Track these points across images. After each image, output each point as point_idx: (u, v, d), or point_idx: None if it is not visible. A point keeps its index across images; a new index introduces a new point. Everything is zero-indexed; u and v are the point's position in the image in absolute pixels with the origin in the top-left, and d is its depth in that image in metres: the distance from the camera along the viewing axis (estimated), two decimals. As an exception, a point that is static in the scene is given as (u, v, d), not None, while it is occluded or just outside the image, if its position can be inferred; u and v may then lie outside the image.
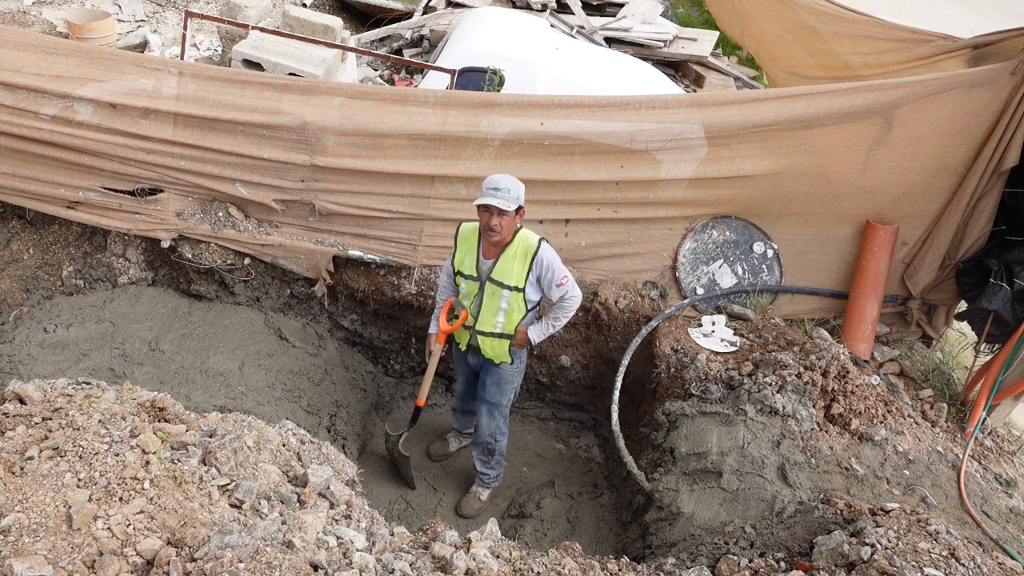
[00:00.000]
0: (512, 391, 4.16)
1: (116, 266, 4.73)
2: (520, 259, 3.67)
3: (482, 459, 4.33)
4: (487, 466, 4.36)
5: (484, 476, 4.41)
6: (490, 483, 4.46)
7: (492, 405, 4.11)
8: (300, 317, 4.96)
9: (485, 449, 4.28)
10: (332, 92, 4.29)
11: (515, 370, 4.06)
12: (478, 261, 3.78)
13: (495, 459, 4.34)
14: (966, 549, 2.79)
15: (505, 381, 4.06)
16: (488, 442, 4.24)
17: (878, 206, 4.59)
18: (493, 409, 4.13)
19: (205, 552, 2.12)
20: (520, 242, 3.67)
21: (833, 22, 6.21)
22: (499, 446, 4.29)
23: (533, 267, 3.66)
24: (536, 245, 3.65)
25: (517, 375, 4.11)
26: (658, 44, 8.28)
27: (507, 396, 4.13)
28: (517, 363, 4.04)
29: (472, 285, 3.82)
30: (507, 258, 3.68)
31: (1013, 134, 4.13)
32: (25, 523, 2.09)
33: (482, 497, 4.46)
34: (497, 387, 4.07)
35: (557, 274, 3.67)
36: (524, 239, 3.68)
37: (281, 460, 2.77)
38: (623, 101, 4.30)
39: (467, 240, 3.82)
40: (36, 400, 2.64)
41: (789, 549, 3.03)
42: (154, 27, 7.31)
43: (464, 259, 3.81)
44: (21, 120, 4.18)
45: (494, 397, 4.09)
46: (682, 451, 3.86)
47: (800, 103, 4.26)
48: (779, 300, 4.81)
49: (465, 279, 3.83)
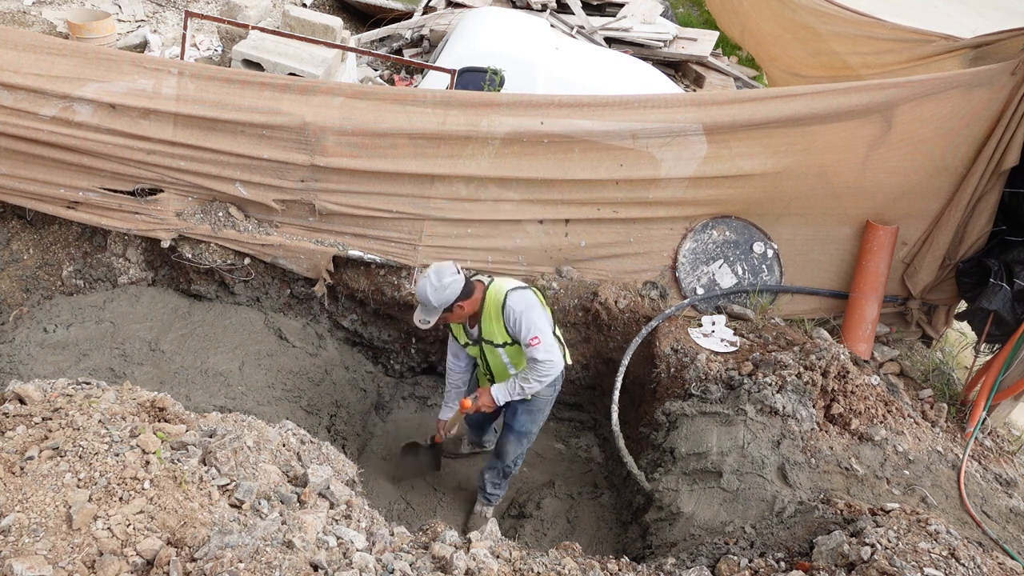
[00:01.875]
0: (543, 419, 4.03)
1: (116, 266, 4.72)
2: (495, 318, 3.53)
3: (494, 481, 4.24)
4: (497, 488, 4.29)
5: (493, 496, 4.33)
6: (496, 502, 4.40)
7: (521, 434, 3.99)
8: (300, 317, 4.96)
9: (501, 472, 4.18)
10: (332, 92, 4.29)
11: (548, 398, 3.92)
12: (466, 331, 3.76)
13: (505, 482, 4.29)
14: (966, 549, 2.79)
15: (538, 409, 3.93)
16: (508, 467, 4.14)
17: (878, 206, 4.58)
18: (522, 437, 4.01)
19: (205, 552, 2.12)
20: (490, 302, 3.53)
21: (833, 22, 6.22)
22: (515, 470, 4.23)
23: (506, 323, 3.49)
24: (502, 299, 3.47)
25: (549, 404, 3.97)
26: (658, 44, 8.28)
27: (538, 424, 4.01)
28: (550, 391, 3.87)
29: (474, 349, 3.81)
30: (486, 321, 3.57)
31: (1013, 134, 4.13)
32: (25, 523, 2.09)
33: (487, 515, 4.39)
34: (529, 415, 3.93)
35: (526, 332, 3.42)
36: (493, 298, 3.52)
37: (281, 460, 2.77)
38: (623, 100, 4.30)
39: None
40: (36, 400, 2.64)
41: (789, 549, 3.03)
42: (154, 27, 7.32)
43: (458, 334, 3.82)
44: (21, 121, 4.17)
45: (524, 426, 3.96)
46: (682, 451, 3.86)
47: (800, 102, 4.26)
48: (779, 300, 4.81)
49: (467, 346, 3.83)
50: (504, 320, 3.47)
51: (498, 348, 3.63)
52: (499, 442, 4.14)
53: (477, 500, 4.43)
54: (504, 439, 4.06)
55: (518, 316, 3.41)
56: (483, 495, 4.33)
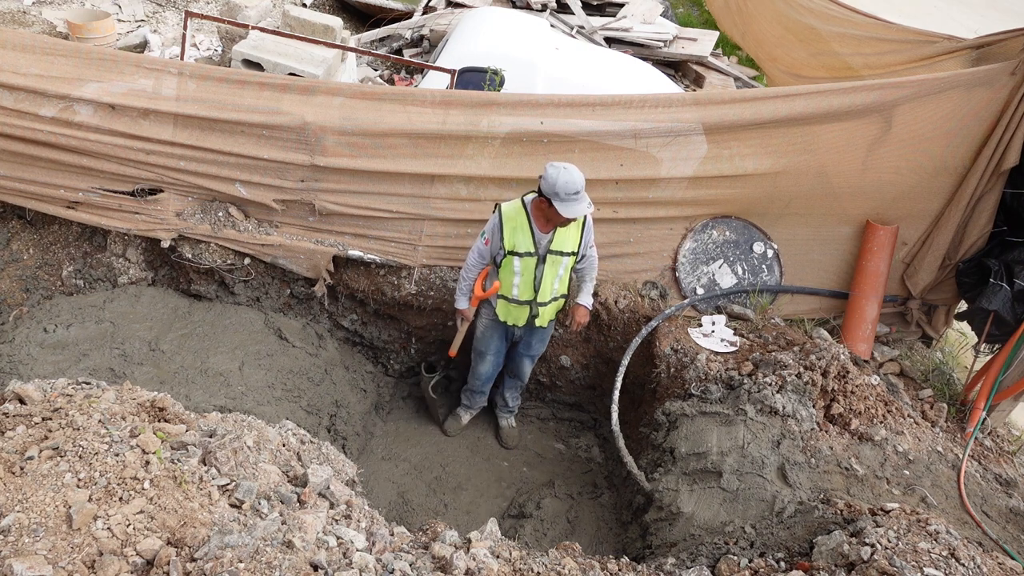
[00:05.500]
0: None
1: (116, 266, 4.72)
2: (574, 226, 3.89)
3: (514, 395, 4.90)
4: (517, 400, 4.97)
5: (515, 408, 4.99)
6: (516, 411, 5.04)
7: (535, 357, 4.60)
8: (300, 317, 4.96)
9: (521, 387, 4.87)
10: (332, 92, 4.29)
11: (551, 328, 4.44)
12: (534, 236, 3.89)
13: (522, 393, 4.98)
14: (966, 549, 2.79)
15: (547, 335, 4.48)
16: (526, 383, 4.85)
17: (878, 206, 4.58)
18: (536, 358, 4.64)
19: (205, 552, 2.12)
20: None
21: (840, 24, 6.22)
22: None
23: (585, 232, 3.96)
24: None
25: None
26: (658, 44, 8.28)
27: (546, 345, 4.58)
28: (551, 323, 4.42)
29: (528, 261, 3.96)
30: (562, 228, 3.86)
31: (1013, 134, 4.13)
32: (25, 523, 2.09)
33: (513, 424, 5.05)
34: (541, 343, 4.49)
35: (593, 238, 4.08)
36: None
37: (281, 460, 2.77)
38: (623, 100, 4.30)
39: (513, 219, 3.89)
40: (36, 400, 2.64)
41: (789, 549, 3.03)
42: (154, 27, 7.32)
43: (519, 239, 3.91)
44: (21, 121, 4.17)
45: (538, 351, 4.53)
46: (682, 451, 3.86)
47: (800, 102, 4.26)
48: (779, 300, 4.81)
49: (520, 257, 3.94)
50: (584, 227, 3.96)
51: (564, 258, 3.98)
52: (517, 368, 4.66)
53: (501, 417, 5.04)
54: (522, 364, 4.61)
55: (591, 226, 4.02)
56: (506, 410, 5.00)
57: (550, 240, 3.90)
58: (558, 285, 4.10)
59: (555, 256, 3.94)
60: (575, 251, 3.97)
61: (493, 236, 3.95)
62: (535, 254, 3.93)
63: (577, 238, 3.94)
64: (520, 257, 3.93)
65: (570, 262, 4.01)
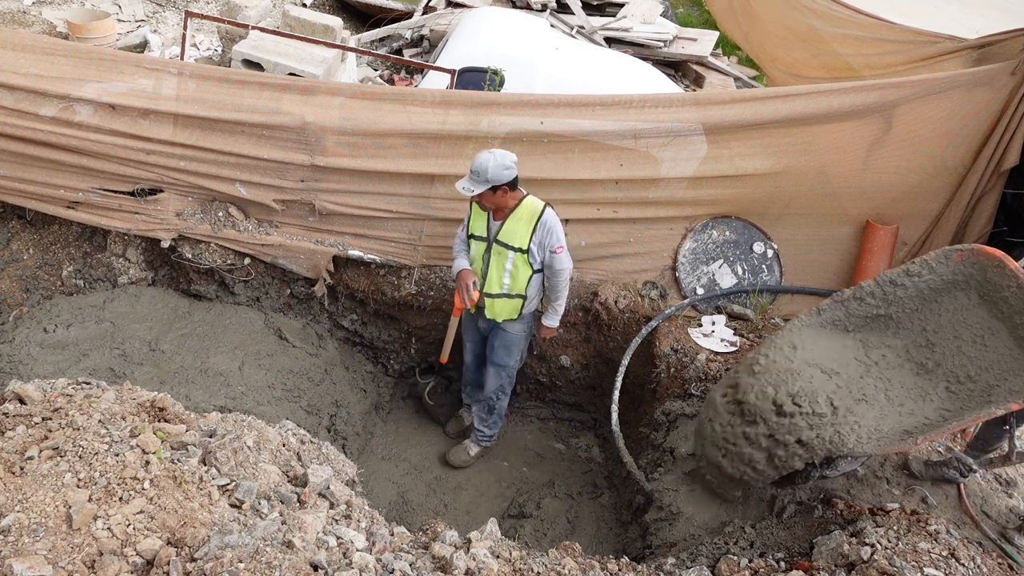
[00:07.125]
0: (519, 353, 4.41)
1: (116, 266, 4.72)
2: (525, 221, 3.88)
3: (481, 416, 4.61)
4: (484, 424, 4.63)
5: (479, 433, 4.67)
6: (483, 441, 4.71)
7: (499, 367, 4.37)
8: (300, 317, 4.96)
9: (486, 406, 4.56)
10: (332, 92, 4.29)
11: (522, 332, 4.29)
12: (488, 223, 3.98)
13: (493, 418, 4.60)
14: (966, 549, 2.79)
15: (512, 343, 4.30)
16: (490, 399, 4.51)
17: (878, 206, 4.58)
18: (500, 370, 4.39)
19: (205, 552, 2.12)
20: (526, 207, 3.90)
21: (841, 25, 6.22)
22: (499, 405, 4.55)
23: (537, 229, 3.88)
24: (541, 209, 3.88)
25: (524, 338, 4.35)
26: (658, 44, 8.27)
27: (514, 358, 4.38)
28: (522, 325, 4.25)
29: (480, 246, 4.03)
30: (513, 220, 3.90)
31: (1013, 134, 4.13)
32: (25, 523, 2.09)
33: (471, 452, 4.71)
34: (505, 349, 4.32)
35: (554, 240, 3.89)
36: (530, 204, 3.91)
37: (281, 460, 2.77)
38: (623, 100, 4.30)
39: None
40: (36, 400, 2.64)
41: (789, 549, 3.03)
42: (154, 27, 7.31)
43: (476, 222, 4.01)
44: (21, 121, 4.17)
45: (501, 359, 4.34)
46: (682, 451, 3.86)
47: (800, 102, 4.26)
48: (779, 300, 4.80)
49: (475, 240, 4.03)
50: (536, 226, 3.87)
51: (510, 252, 3.93)
52: (483, 377, 4.49)
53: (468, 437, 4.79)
54: (486, 375, 4.45)
55: (551, 226, 3.88)
56: (472, 432, 4.73)
57: (498, 230, 3.94)
58: (509, 281, 4.03)
59: (500, 247, 3.94)
60: (524, 248, 3.91)
61: (465, 217, 4.10)
62: (485, 239, 4.01)
63: (527, 235, 3.89)
64: (476, 241, 4.04)
65: (517, 258, 3.94)
